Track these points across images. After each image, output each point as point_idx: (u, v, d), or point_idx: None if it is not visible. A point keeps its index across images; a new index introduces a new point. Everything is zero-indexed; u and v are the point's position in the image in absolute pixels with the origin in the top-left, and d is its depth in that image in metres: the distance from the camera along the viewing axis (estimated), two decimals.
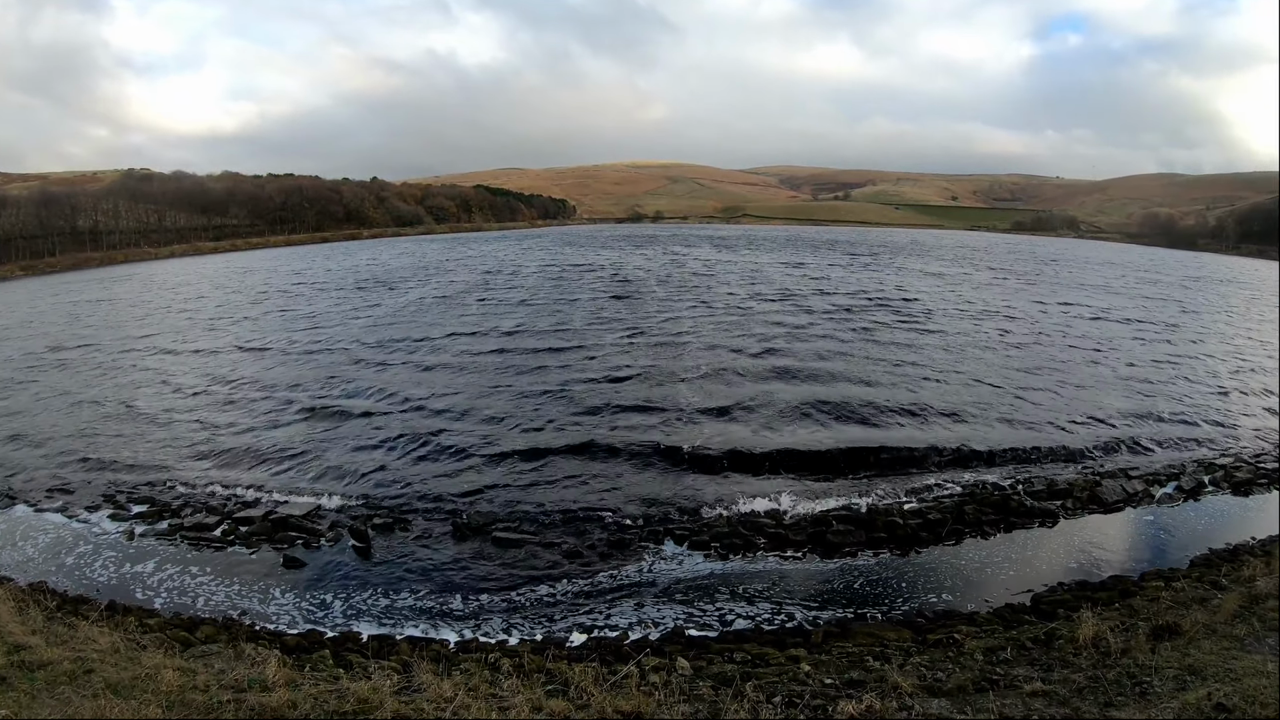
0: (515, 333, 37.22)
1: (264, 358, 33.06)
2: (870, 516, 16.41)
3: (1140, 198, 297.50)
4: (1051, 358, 32.92)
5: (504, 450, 20.30)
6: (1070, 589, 13.51)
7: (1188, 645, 8.77)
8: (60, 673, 8.02)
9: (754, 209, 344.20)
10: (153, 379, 29.62)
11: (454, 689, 8.01)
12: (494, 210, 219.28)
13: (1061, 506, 17.28)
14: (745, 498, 17.45)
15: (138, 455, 20.70)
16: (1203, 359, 34.56)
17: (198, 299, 56.26)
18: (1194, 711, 6.98)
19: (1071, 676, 8.39)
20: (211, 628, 12.13)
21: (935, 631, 11.81)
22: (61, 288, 68.73)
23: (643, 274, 66.67)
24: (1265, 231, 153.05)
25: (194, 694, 7.64)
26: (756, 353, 31.78)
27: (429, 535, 15.86)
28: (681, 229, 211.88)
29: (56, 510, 17.46)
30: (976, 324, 41.31)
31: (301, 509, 17.03)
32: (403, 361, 31.25)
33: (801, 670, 9.83)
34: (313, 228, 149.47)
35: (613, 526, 16.17)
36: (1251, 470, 19.88)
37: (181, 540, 15.81)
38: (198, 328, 42.20)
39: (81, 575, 14.51)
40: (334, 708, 7.42)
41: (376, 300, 51.22)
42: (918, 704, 7.90)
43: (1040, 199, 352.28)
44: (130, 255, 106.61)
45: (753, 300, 48.96)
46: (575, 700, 7.92)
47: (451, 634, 12.44)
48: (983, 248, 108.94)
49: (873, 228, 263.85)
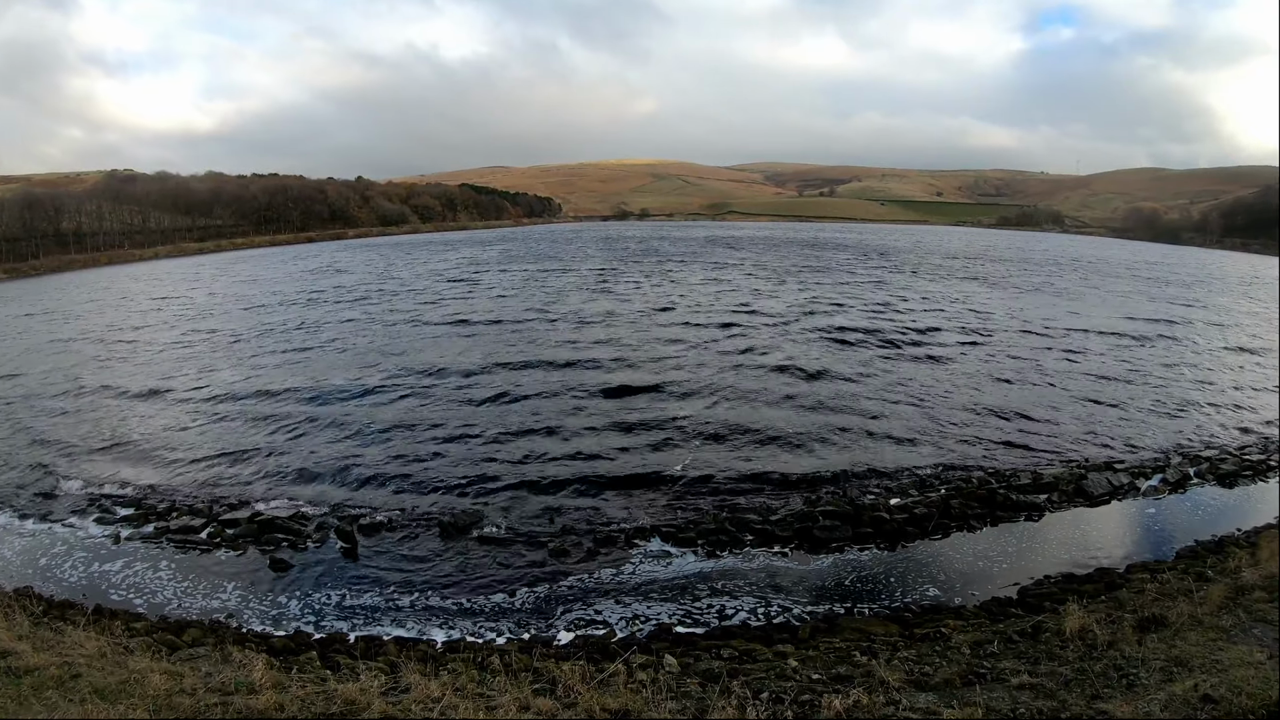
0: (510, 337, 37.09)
1: (242, 363, 32.86)
2: (857, 512, 16.42)
3: (1125, 192, 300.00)
4: (1033, 353, 33.10)
5: (490, 451, 20.28)
6: (1056, 582, 13.57)
7: (1174, 637, 8.82)
8: (47, 678, 7.95)
9: (740, 205, 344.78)
10: (128, 386, 29.38)
11: (441, 689, 7.99)
12: (479, 209, 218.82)
13: (1047, 500, 17.35)
14: (732, 496, 17.48)
15: (124, 459, 20.55)
16: (1188, 354, 34.81)
17: (187, 290, 55.76)
18: (1181, 703, 7.01)
19: (1058, 669, 8.43)
20: (198, 630, 12.05)
21: (922, 626, 11.86)
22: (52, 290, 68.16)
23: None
24: (1249, 225, 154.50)
25: (181, 697, 7.59)
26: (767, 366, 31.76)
27: (415, 536, 15.79)
28: (665, 227, 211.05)
29: (42, 515, 17.27)
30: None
31: (287, 510, 16.95)
32: (388, 364, 31.12)
33: (789, 666, 9.85)
34: (298, 228, 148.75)
35: (599, 525, 16.15)
36: (1237, 462, 20.03)
37: (168, 543, 15.67)
38: (168, 327, 41.98)
39: (67, 579, 14.37)
40: (321, 709, 7.39)
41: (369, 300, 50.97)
42: (905, 698, 7.93)
43: (1025, 194, 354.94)
44: (114, 257, 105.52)
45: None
46: (563, 699, 7.91)
47: (439, 634, 12.40)
48: (978, 254, 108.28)
49: (859, 224, 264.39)
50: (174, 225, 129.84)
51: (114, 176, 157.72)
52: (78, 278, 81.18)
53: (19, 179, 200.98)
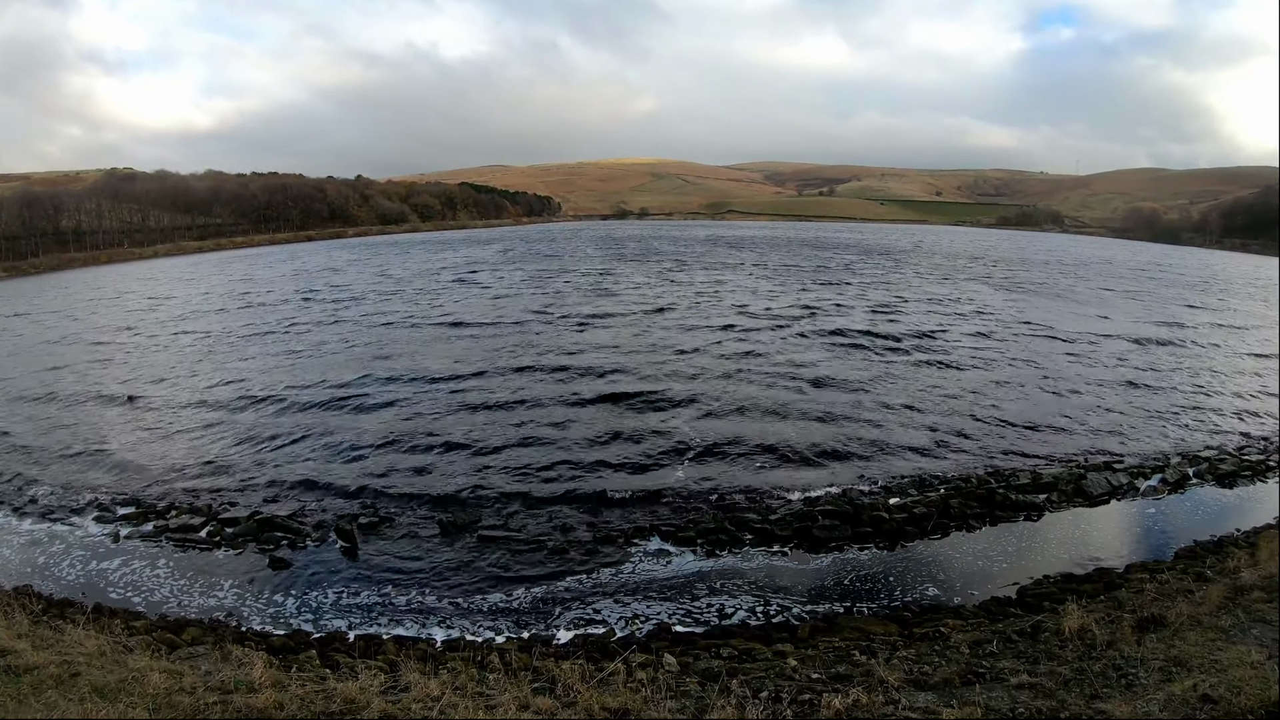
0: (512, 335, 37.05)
1: (242, 364, 32.87)
2: (856, 512, 16.42)
3: (1124, 192, 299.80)
4: (1035, 355, 33.11)
5: (489, 452, 20.26)
6: (1055, 581, 13.58)
7: (1173, 637, 8.82)
8: (46, 677, 7.94)
9: (739, 205, 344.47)
10: (127, 386, 29.38)
11: (441, 688, 7.98)
12: (479, 208, 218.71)
13: (1047, 500, 17.36)
14: (731, 495, 17.49)
15: (123, 459, 20.54)
16: (1189, 355, 34.82)
17: (186, 283, 55.72)
18: (1180, 703, 7.01)
19: (1057, 669, 8.43)
20: (198, 629, 12.06)
21: (922, 625, 11.87)
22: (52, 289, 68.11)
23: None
24: (1248, 226, 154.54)
25: (180, 696, 7.59)
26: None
27: (415, 534, 15.79)
28: (665, 227, 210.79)
29: (40, 513, 17.26)
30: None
31: (287, 509, 16.95)
32: (387, 365, 31.13)
33: (788, 665, 9.86)
34: (297, 226, 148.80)
35: (599, 524, 16.16)
36: (1236, 462, 20.04)
37: (167, 542, 15.68)
38: (164, 327, 41.96)
39: (67, 578, 14.37)
40: (321, 708, 7.38)
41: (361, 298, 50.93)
42: (904, 697, 7.93)
43: (1024, 194, 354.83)
44: (114, 255, 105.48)
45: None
46: (562, 698, 7.91)
47: (438, 632, 12.41)
48: (979, 255, 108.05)
49: (859, 223, 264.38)
50: (174, 224, 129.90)
51: (113, 175, 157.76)
52: (77, 276, 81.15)
53: (18, 177, 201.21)
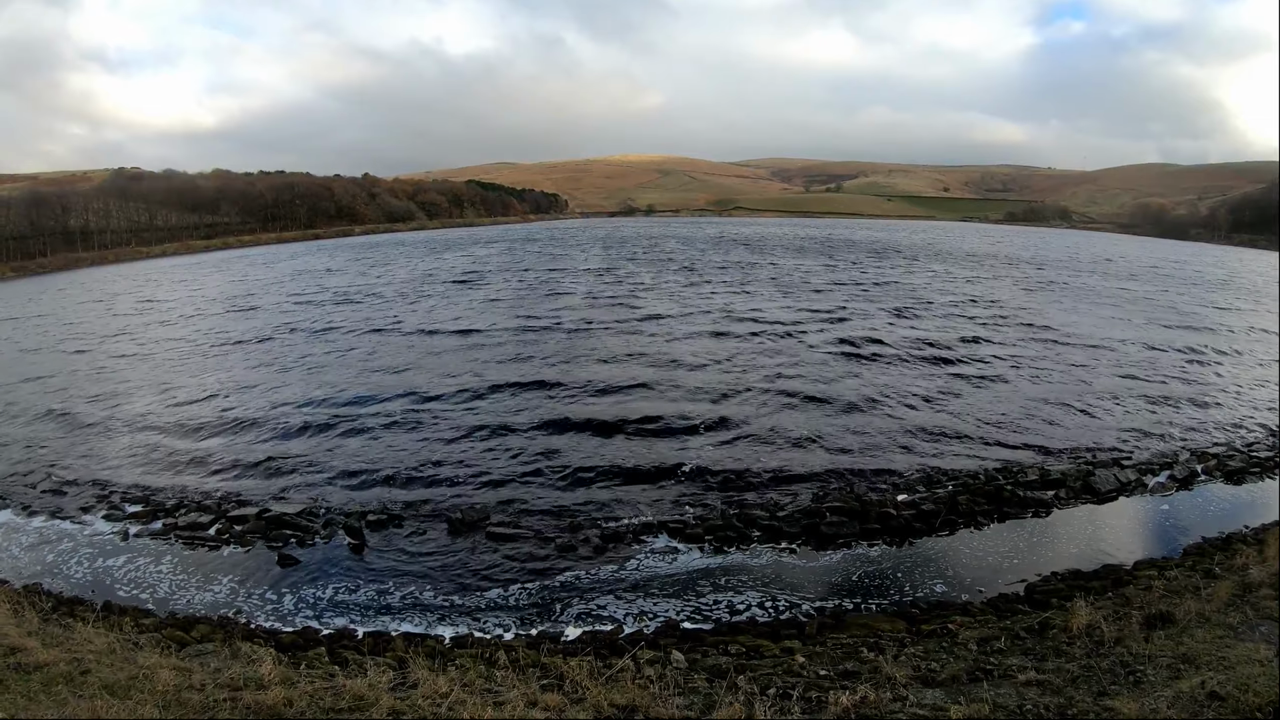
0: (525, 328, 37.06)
1: (249, 361, 32.98)
2: (864, 508, 16.40)
3: (1133, 188, 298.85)
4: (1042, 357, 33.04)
5: (497, 451, 20.29)
6: (1064, 578, 13.55)
7: (1181, 634, 8.80)
8: (56, 674, 7.99)
9: (746, 201, 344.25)
10: (141, 385, 29.48)
11: (449, 684, 8.01)
12: (486, 205, 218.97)
13: (1055, 496, 17.31)
14: (739, 492, 17.48)
15: (131, 458, 20.64)
16: (1193, 351, 34.68)
17: (193, 290, 55.84)
18: (1188, 700, 7.00)
19: (1065, 666, 8.42)
20: (207, 626, 12.12)
21: (929, 622, 11.85)
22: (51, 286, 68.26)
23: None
24: (1256, 221, 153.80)
25: (190, 693, 7.63)
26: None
27: (423, 531, 15.82)
28: (673, 224, 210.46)
29: (50, 512, 17.34)
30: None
31: (295, 506, 16.97)
32: (395, 367, 31.19)
33: (796, 662, 9.86)
34: (305, 225, 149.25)
35: (606, 521, 16.14)
36: (1244, 459, 19.94)
37: (176, 540, 15.73)
38: (172, 328, 42.09)
39: (76, 576, 14.45)
40: (330, 705, 7.42)
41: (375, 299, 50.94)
42: (912, 694, 7.93)
43: (1032, 189, 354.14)
44: (122, 255, 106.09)
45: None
46: (570, 694, 7.92)
47: (447, 629, 12.43)
48: (989, 254, 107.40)
49: (867, 219, 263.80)
50: (181, 223, 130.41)
51: (120, 174, 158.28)
52: (85, 275, 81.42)
53: (26, 177, 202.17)
